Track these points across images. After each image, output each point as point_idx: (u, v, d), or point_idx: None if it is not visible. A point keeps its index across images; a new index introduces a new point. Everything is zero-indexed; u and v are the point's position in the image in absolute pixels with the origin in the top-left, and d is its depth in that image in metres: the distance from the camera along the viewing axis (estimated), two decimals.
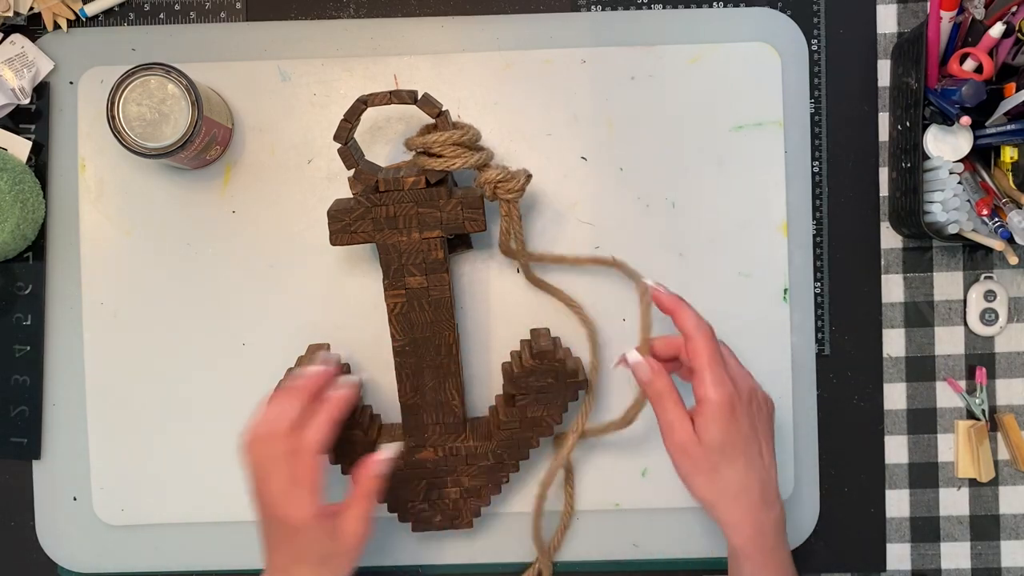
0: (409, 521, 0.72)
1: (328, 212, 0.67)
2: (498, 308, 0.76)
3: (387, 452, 0.66)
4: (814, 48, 0.76)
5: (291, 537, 0.62)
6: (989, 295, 0.77)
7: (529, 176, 0.70)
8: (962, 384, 0.78)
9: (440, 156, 0.67)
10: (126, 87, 0.67)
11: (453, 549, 0.77)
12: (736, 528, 0.63)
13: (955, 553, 0.78)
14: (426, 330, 0.69)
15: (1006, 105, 0.70)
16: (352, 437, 0.70)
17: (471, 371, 0.76)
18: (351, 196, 0.68)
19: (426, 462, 0.71)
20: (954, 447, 0.78)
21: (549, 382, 0.69)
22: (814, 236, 0.77)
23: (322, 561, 0.62)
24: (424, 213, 0.67)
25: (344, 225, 0.67)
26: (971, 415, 0.78)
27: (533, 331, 0.73)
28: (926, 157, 0.73)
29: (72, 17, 0.75)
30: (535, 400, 0.69)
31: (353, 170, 0.67)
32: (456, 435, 0.70)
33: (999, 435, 0.78)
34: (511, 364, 0.71)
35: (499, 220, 0.71)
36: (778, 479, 0.65)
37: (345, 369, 0.73)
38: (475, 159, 0.68)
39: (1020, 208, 0.71)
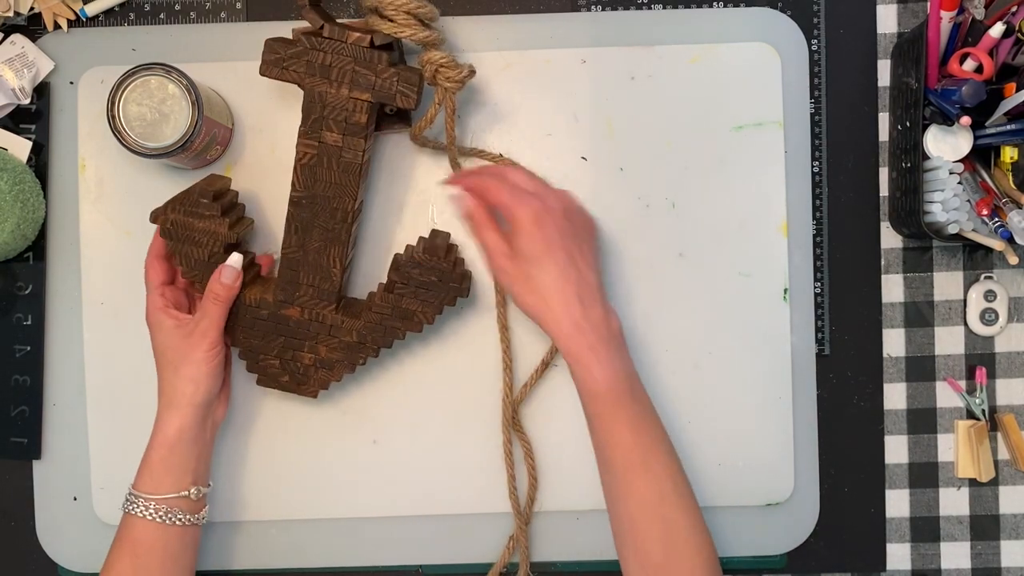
0: (256, 373, 0.71)
1: (266, 40, 0.66)
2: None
3: (233, 260, 0.68)
4: (814, 48, 0.76)
5: (156, 346, 0.69)
6: (989, 295, 0.77)
7: (473, 71, 0.69)
8: (962, 384, 0.78)
9: (392, 21, 0.66)
10: (126, 87, 0.67)
11: (453, 549, 0.77)
12: (555, 324, 0.66)
13: (955, 553, 0.78)
14: (328, 190, 0.68)
15: (1006, 105, 0.70)
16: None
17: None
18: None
19: (289, 320, 0.70)
20: (954, 447, 0.78)
21: (432, 280, 0.68)
22: (814, 236, 0.77)
23: (176, 365, 0.67)
24: (359, 72, 0.66)
25: (278, 59, 0.66)
26: (971, 415, 0.78)
27: (434, 230, 0.72)
28: (926, 157, 0.73)
29: (72, 17, 0.75)
30: (413, 293, 0.69)
31: (305, 5, 0.66)
32: (327, 303, 0.70)
33: (999, 435, 0.78)
34: (403, 255, 0.70)
35: (429, 108, 0.70)
36: (603, 290, 0.69)
37: (244, 211, 0.73)
38: (424, 34, 0.67)
39: (1020, 208, 0.71)
